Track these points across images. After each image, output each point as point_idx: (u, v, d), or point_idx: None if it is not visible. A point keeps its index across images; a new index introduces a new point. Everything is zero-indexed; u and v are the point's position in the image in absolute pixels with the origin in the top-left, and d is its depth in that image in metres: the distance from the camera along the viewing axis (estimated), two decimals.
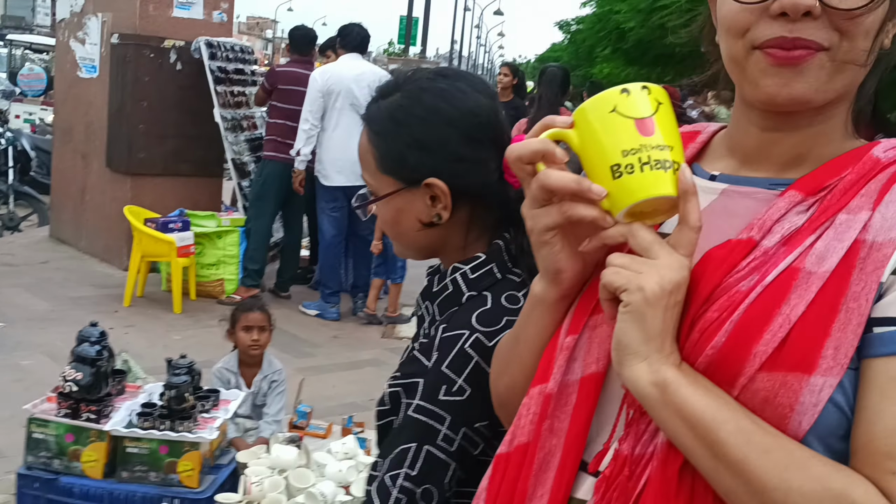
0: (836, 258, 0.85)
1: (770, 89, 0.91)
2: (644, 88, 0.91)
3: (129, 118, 7.18)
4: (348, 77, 6.28)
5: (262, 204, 6.74)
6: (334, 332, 6.33)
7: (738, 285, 0.88)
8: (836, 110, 0.96)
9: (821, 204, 0.90)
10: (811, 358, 0.82)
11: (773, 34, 0.89)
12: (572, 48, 28.12)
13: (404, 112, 1.36)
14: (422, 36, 26.70)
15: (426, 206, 1.36)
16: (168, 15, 7.29)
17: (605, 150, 0.90)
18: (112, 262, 7.42)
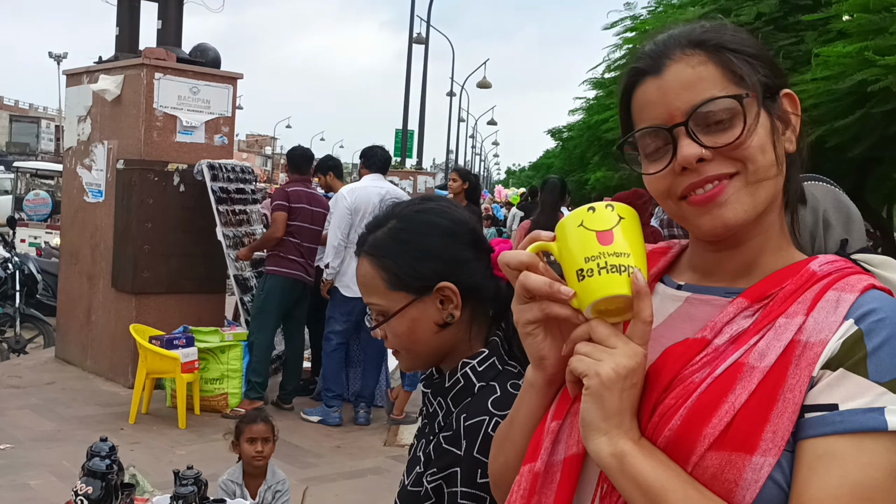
0: (775, 355, 1.01)
1: (707, 226, 1.10)
2: (608, 206, 1.08)
3: (133, 239, 7.43)
4: (374, 195, 6.66)
5: (264, 317, 6.95)
6: (336, 441, 6.40)
7: (692, 377, 1.04)
8: (768, 220, 1.13)
9: (764, 310, 1.06)
10: (752, 440, 0.97)
11: (684, 184, 1.09)
12: (565, 154, 28.70)
13: (406, 232, 1.56)
14: (417, 147, 27.30)
15: (438, 309, 1.54)
16: (171, 140, 7.62)
17: (574, 256, 1.06)
18: (117, 381, 7.55)
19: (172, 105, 7.62)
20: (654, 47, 1.13)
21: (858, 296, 1.03)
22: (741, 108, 1.06)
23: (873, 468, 0.94)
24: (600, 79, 15.01)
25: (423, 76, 27.64)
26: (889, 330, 0.99)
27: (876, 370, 0.97)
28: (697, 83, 1.08)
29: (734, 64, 1.09)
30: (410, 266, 1.53)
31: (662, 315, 1.17)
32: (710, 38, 1.10)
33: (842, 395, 0.97)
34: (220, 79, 8.03)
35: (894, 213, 26.10)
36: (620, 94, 1.18)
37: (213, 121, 7.90)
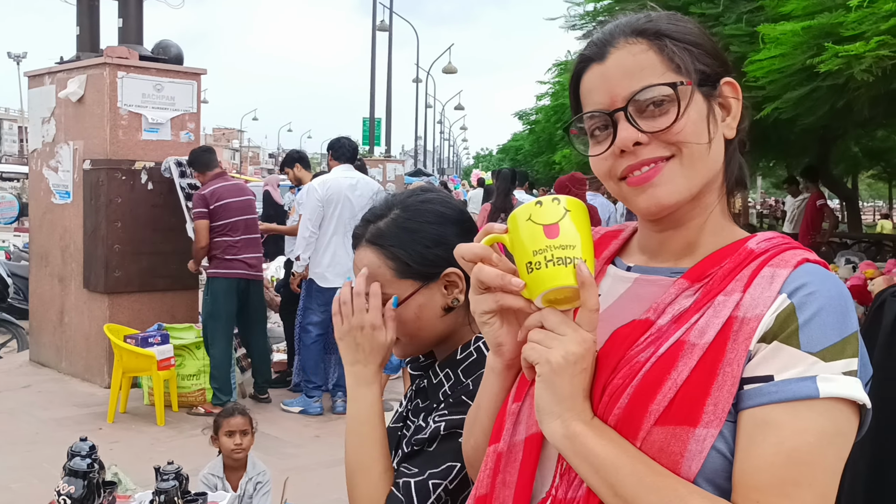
0: (714, 332, 1.07)
1: (643, 206, 1.16)
2: (555, 200, 1.12)
3: (104, 239, 7.42)
4: (345, 186, 6.80)
5: (213, 322, 6.83)
6: (316, 431, 6.46)
7: (637, 356, 1.11)
8: (707, 201, 1.19)
9: (704, 289, 1.13)
10: (695, 413, 1.04)
11: (623, 166, 1.16)
12: (533, 137, 28.87)
13: (413, 221, 1.61)
14: (385, 135, 27.27)
15: (443, 294, 1.60)
16: (137, 139, 7.60)
17: (524, 250, 1.11)
18: (94, 381, 7.55)
19: (137, 103, 7.60)
20: (600, 35, 1.19)
21: (792, 270, 1.09)
22: (675, 95, 1.13)
23: (808, 433, 1.01)
24: (567, 61, 15.06)
25: (388, 63, 27.60)
26: (819, 302, 1.05)
27: (807, 341, 1.03)
28: (638, 71, 1.14)
29: (673, 52, 1.14)
30: (420, 254, 1.58)
31: (613, 296, 1.23)
32: (652, 27, 1.16)
33: (777, 366, 1.04)
34: (184, 75, 8.02)
35: (859, 184, 26.40)
36: (571, 80, 1.24)
37: (178, 117, 7.89)
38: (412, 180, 22.84)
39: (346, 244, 6.62)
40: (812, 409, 1.02)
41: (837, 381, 1.02)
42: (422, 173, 29.92)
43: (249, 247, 6.95)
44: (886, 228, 24.84)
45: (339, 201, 6.73)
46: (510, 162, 40.18)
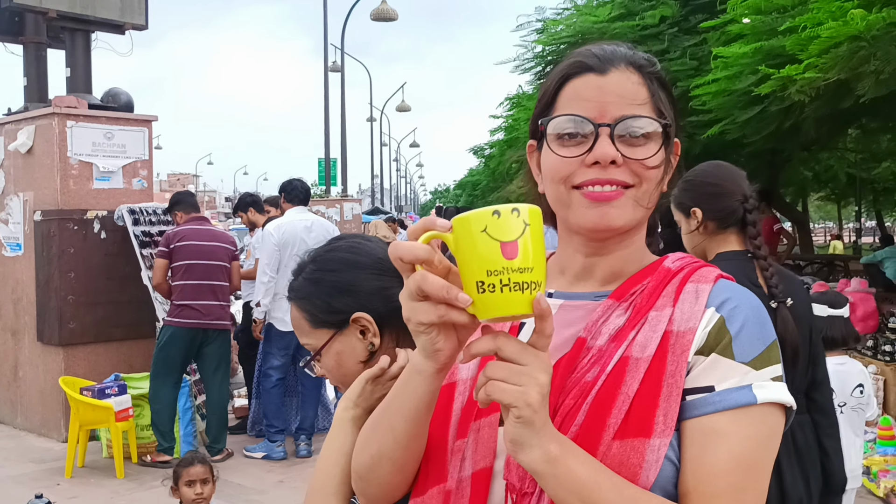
0: (654, 345, 1.13)
1: (591, 220, 1.18)
2: (514, 211, 1.00)
3: (57, 290, 7.31)
4: (300, 229, 6.76)
5: (160, 369, 6.56)
6: (279, 476, 6.38)
7: (584, 377, 1.14)
8: (636, 236, 1.26)
9: (634, 307, 1.19)
10: (648, 425, 1.09)
11: (588, 177, 1.17)
12: (488, 171, 29.05)
13: (319, 272, 1.64)
14: (342, 175, 27.26)
15: (360, 340, 1.60)
16: (89, 188, 7.53)
17: (474, 265, 1.00)
18: (50, 436, 7.40)
19: (87, 152, 7.54)
20: (601, 51, 1.22)
21: (713, 285, 1.18)
22: (661, 134, 1.19)
23: (751, 439, 1.10)
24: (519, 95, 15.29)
25: (342, 104, 27.67)
26: (744, 314, 1.16)
27: (740, 352, 1.13)
28: (632, 97, 1.18)
29: (659, 98, 1.21)
30: (325, 303, 1.61)
31: None
32: (649, 67, 1.23)
33: (716, 377, 1.11)
34: (135, 122, 7.98)
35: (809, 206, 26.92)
36: (555, 78, 1.24)
37: (130, 165, 7.84)
38: (370, 219, 22.82)
39: None
40: (750, 415, 1.10)
41: (769, 387, 1.12)
42: (379, 211, 29.95)
43: (207, 294, 6.62)
44: (838, 249, 25.32)
45: (294, 244, 6.69)
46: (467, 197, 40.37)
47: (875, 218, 28.76)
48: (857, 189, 22.73)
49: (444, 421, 1.23)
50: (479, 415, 1.20)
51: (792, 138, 8.88)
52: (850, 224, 39.49)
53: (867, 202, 27.55)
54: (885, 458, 5.78)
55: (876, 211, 27.28)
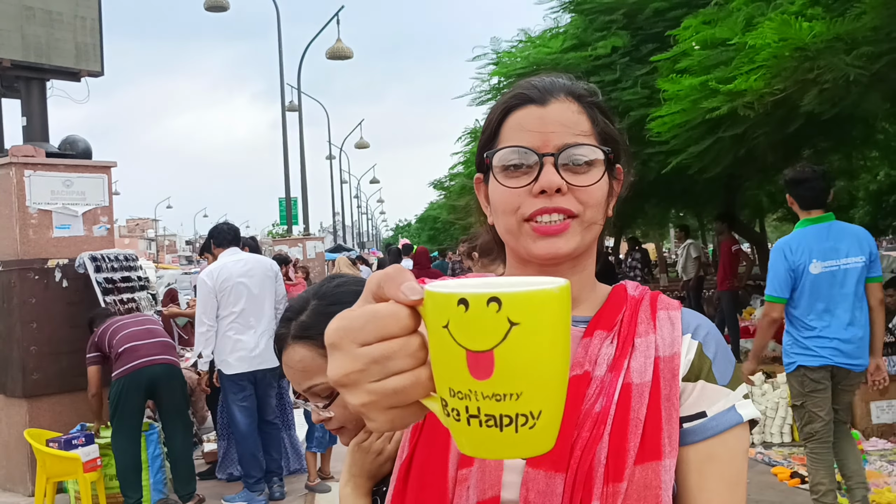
0: (650, 371, 1.17)
1: (541, 252, 1.21)
2: (492, 302, 0.66)
3: (19, 342, 7.20)
4: (235, 271, 6.64)
5: (115, 423, 6.35)
6: None
7: (593, 408, 1.15)
8: (587, 262, 1.29)
9: (619, 336, 1.22)
10: (658, 447, 1.13)
11: (536, 207, 1.19)
12: (449, 206, 29.14)
13: (333, 307, 1.55)
14: (303, 214, 27.22)
15: None
16: (48, 236, 7.46)
17: (437, 369, 0.71)
18: (16, 490, 7.25)
19: (46, 201, 7.47)
20: (541, 83, 1.25)
21: (680, 312, 1.25)
22: (603, 161, 1.22)
23: (736, 457, 1.17)
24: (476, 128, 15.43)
25: (301, 142, 27.70)
26: (714, 340, 1.25)
27: (720, 376, 1.21)
28: (573, 127, 1.21)
29: (602, 124, 1.25)
30: None
31: None
32: (588, 97, 1.26)
33: (706, 402, 1.18)
34: (94, 169, 7.93)
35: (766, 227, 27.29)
36: (497, 111, 1.27)
37: (90, 212, 7.78)
38: (333, 256, 22.78)
39: (247, 328, 6.53)
40: (734, 434, 1.17)
41: (746, 405, 1.19)
42: (342, 249, 29.92)
43: (144, 336, 6.40)
44: None
45: (230, 287, 6.58)
46: (429, 231, 40.42)
47: None
48: None
49: (444, 448, 1.20)
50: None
51: (749, 164, 9.05)
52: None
53: None
54: None
55: None
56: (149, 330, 6.49)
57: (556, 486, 1.12)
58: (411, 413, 0.75)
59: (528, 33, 11.60)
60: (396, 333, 0.72)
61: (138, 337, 6.38)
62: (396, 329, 0.72)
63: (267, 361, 6.62)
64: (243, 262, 6.76)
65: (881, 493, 5.70)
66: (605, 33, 9.47)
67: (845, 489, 5.60)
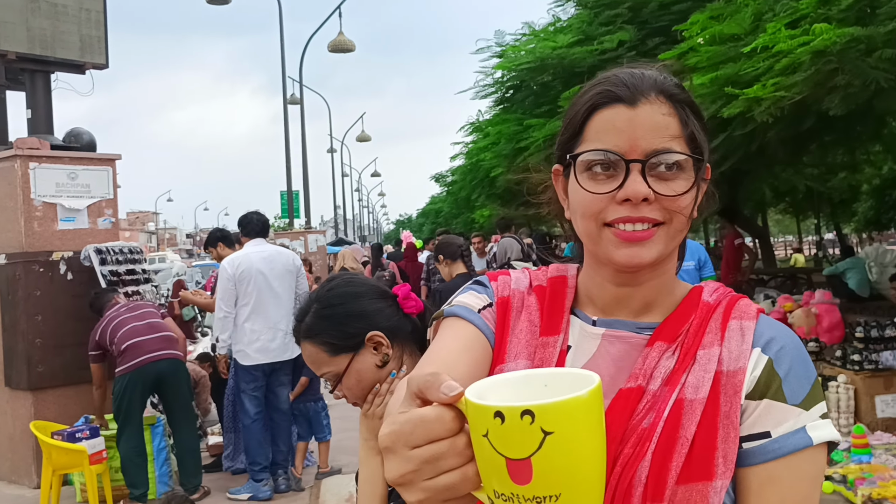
0: (707, 387, 1.12)
1: (622, 259, 1.15)
2: (526, 415, 0.72)
3: (24, 334, 7.20)
4: (257, 261, 6.68)
5: (119, 421, 6.37)
6: None
7: (641, 424, 1.12)
8: (668, 266, 1.23)
9: (682, 347, 1.17)
10: (709, 467, 1.08)
11: (620, 215, 1.13)
12: (451, 198, 29.18)
13: (327, 309, 1.88)
14: (305, 207, 27.19)
15: (374, 355, 1.86)
16: (53, 229, 7.46)
17: (482, 472, 0.77)
18: (21, 483, 7.26)
19: (51, 193, 7.47)
20: (630, 80, 1.17)
21: (755, 322, 1.18)
22: (693, 169, 1.15)
23: (803, 482, 1.10)
24: (478, 122, 15.43)
25: (302, 135, 27.65)
26: (791, 355, 1.15)
27: (791, 394, 1.12)
28: (663, 130, 1.14)
29: (693, 127, 1.17)
30: (340, 331, 1.86)
31: (586, 354, 1.22)
32: (680, 96, 1.18)
33: (771, 422, 1.11)
34: (98, 161, 7.93)
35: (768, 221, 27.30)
36: (583, 107, 1.20)
37: (95, 204, 7.78)
38: (335, 249, 22.77)
39: (265, 320, 6.57)
40: (803, 457, 1.10)
41: (821, 426, 1.11)
42: (344, 242, 29.87)
43: (146, 331, 6.40)
44: (800, 262, 25.68)
45: (251, 277, 6.63)
46: (430, 224, 40.41)
47: (834, 230, 29.28)
48: (815, 202, 23.11)
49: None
50: None
51: (756, 159, 9.04)
52: (810, 237, 40.11)
53: (825, 215, 28.03)
54: (861, 467, 5.86)
55: (834, 223, 27.76)
56: (150, 325, 6.48)
57: None
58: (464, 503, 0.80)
59: (533, 27, 11.59)
60: (443, 436, 0.78)
61: (140, 332, 6.38)
62: (443, 432, 0.78)
63: (283, 354, 6.68)
64: (266, 253, 6.81)
65: (887, 487, 5.70)
66: (611, 27, 9.45)
67: (850, 482, 5.60)
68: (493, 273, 1.37)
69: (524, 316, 1.27)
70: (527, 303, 1.29)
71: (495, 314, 1.28)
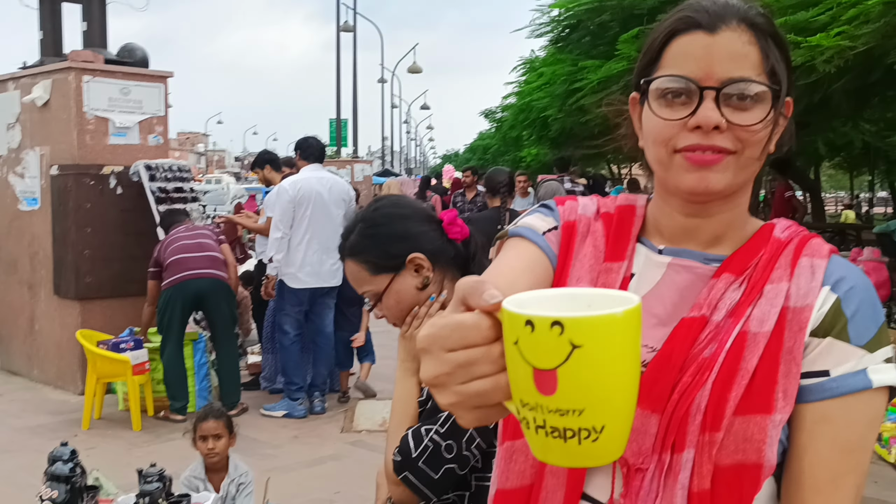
0: (773, 320, 1.11)
1: (689, 185, 1.14)
2: (556, 326, 0.71)
3: (73, 245, 7.35)
4: (318, 186, 6.75)
5: (163, 334, 6.58)
6: (294, 432, 6.45)
7: (702, 354, 1.11)
8: (740, 200, 1.21)
9: (749, 280, 1.15)
10: (769, 401, 1.08)
11: (690, 142, 1.12)
12: (499, 135, 28.96)
13: (371, 228, 1.91)
14: (353, 136, 27.22)
15: (414, 277, 1.88)
16: (105, 143, 7.54)
17: (511, 380, 0.77)
18: (66, 388, 7.48)
19: (103, 107, 7.53)
20: (712, 6, 1.14)
21: (827, 261, 1.15)
22: (770, 99, 1.13)
23: (857, 423, 1.09)
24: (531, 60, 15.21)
25: (353, 64, 27.55)
26: (860, 296, 1.13)
27: (855, 335, 1.10)
28: (742, 59, 1.12)
29: (774, 59, 1.14)
30: (383, 251, 1.88)
31: (650, 282, 1.22)
32: (764, 25, 1.15)
33: (832, 361, 1.09)
34: (151, 78, 7.97)
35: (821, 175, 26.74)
36: (661, 33, 1.18)
37: (146, 121, 7.84)
38: (381, 180, 22.80)
39: (319, 245, 6.64)
40: (860, 399, 1.09)
41: (883, 370, 1.09)
42: (389, 173, 29.91)
43: (194, 249, 6.56)
44: (850, 218, 25.22)
45: (310, 202, 6.70)
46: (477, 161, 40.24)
47: (888, 188, 28.62)
48: (870, 158, 22.57)
49: None
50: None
51: (818, 111, 8.82)
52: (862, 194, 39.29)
53: (880, 172, 27.38)
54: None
55: (889, 181, 27.13)
56: (200, 244, 6.63)
57: (650, 425, 1.10)
58: (495, 412, 0.81)
59: None
60: (479, 342, 0.78)
61: (188, 250, 6.54)
62: (478, 338, 0.78)
63: (331, 279, 6.78)
64: (325, 180, 6.88)
65: None
66: None
67: (885, 440, 5.57)
68: (560, 198, 1.36)
69: (589, 241, 1.26)
70: (593, 228, 1.28)
71: (560, 237, 1.27)
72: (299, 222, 6.68)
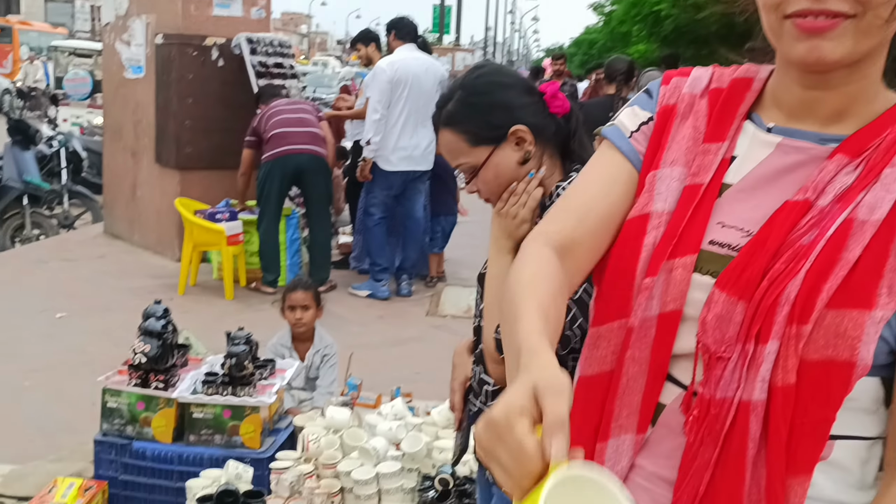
0: (886, 208, 1.01)
1: (799, 54, 1.03)
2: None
3: (175, 115, 7.46)
4: (415, 67, 6.65)
5: (261, 206, 6.70)
6: (380, 312, 6.55)
7: (800, 240, 1.03)
8: (868, 70, 1.07)
9: (867, 163, 1.04)
10: (870, 295, 0.98)
11: (800, 6, 1.01)
12: (607, 30, 28.13)
13: (473, 96, 1.81)
14: (455, 24, 26.79)
15: (515, 150, 1.78)
16: (208, 14, 7.55)
17: None
18: (164, 254, 7.72)
19: None
20: None
21: None
22: None
23: None
24: None
25: None
26: None
27: None
28: None
29: None
30: (485, 121, 1.78)
31: (753, 162, 1.13)
32: None
33: None
34: None
35: None
36: None
37: None
38: None
39: (414, 127, 6.56)
40: None
41: None
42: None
43: (296, 124, 6.60)
44: None
45: (407, 83, 6.59)
46: (582, 56, 39.27)
47: None
48: None
49: (634, 254, 1.14)
50: (673, 254, 1.10)
51: None
52: None
53: None
54: None
55: None
56: (301, 119, 6.65)
57: (735, 313, 1.03)
58: None
59: None
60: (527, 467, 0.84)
61: (290, 124, 6.57)
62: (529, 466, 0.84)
63: (424, 163, 6.74)
64: (421, 61, 6.77)
65: None
66: None
67: None
68: (671, 72, 1.27)
69: (689, 122, 1.19)
70: (696, 108, 1.19)
71: (653, 129, 1.21)
72: (395, 104, 6.60)
